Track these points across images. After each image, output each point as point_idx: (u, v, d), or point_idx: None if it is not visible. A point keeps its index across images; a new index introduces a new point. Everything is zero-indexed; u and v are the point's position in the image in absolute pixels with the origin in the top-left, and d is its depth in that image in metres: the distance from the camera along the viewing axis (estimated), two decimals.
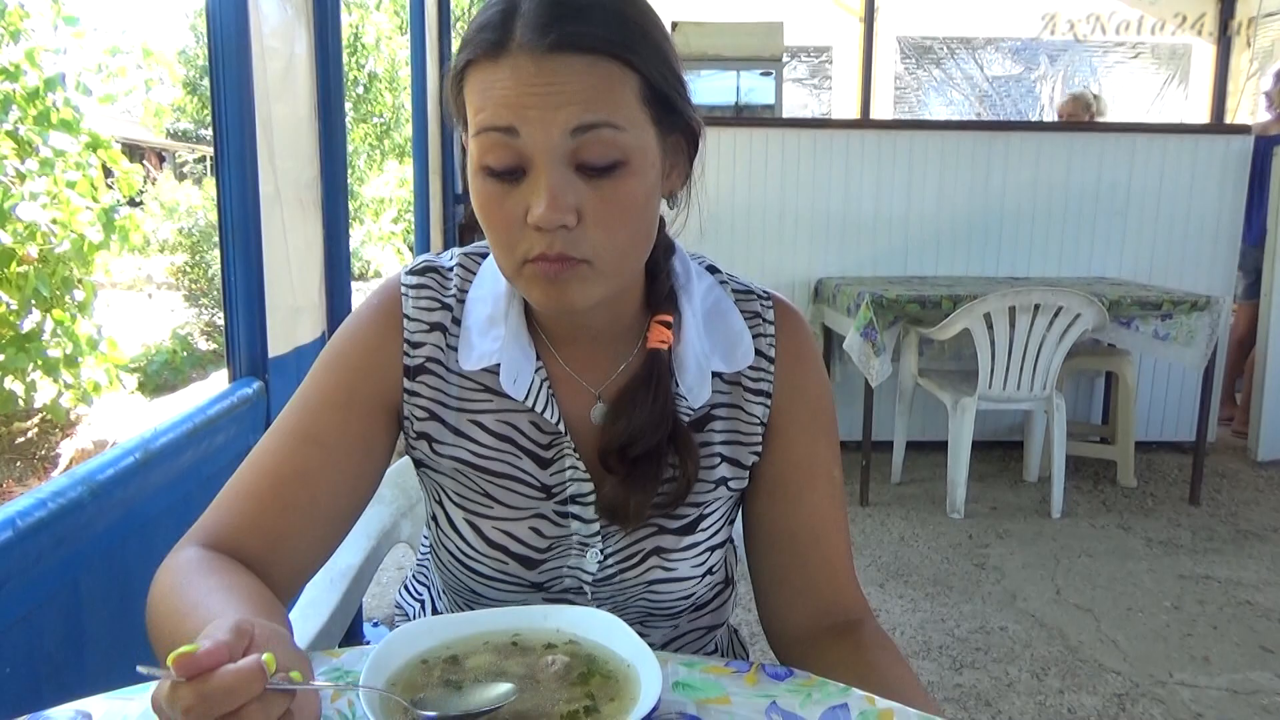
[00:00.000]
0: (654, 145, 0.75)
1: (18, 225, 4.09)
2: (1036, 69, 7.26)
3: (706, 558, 0.88)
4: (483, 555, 0.85)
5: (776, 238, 4.06)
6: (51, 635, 1.05)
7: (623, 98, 0.71)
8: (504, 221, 0.73)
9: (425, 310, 0.85)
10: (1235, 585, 2.86)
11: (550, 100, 0.69)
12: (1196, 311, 3.31)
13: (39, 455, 4.88)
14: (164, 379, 6.44)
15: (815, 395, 0.90)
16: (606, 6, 0.72)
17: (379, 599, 2.69)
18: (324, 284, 2.11)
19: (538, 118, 0.69)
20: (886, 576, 2.91)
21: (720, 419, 0.88)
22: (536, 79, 0.69)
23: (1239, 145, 4.06)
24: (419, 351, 0.84)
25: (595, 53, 0.70)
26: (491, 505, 0.85)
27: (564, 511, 0.85)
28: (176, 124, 16.58)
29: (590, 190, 0.71)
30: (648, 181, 0.75)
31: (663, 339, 0.84)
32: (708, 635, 0.98)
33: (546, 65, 0.69)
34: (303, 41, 1.99)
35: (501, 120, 0.70)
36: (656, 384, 0.82)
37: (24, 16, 4.50)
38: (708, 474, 0.87)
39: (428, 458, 0.86)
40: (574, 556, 0.86)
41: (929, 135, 4.10)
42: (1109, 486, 3.76)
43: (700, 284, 0.89)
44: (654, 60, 0.74)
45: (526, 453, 0.85)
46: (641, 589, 0.87)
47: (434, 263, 0.88)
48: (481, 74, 0.71)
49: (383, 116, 13.86)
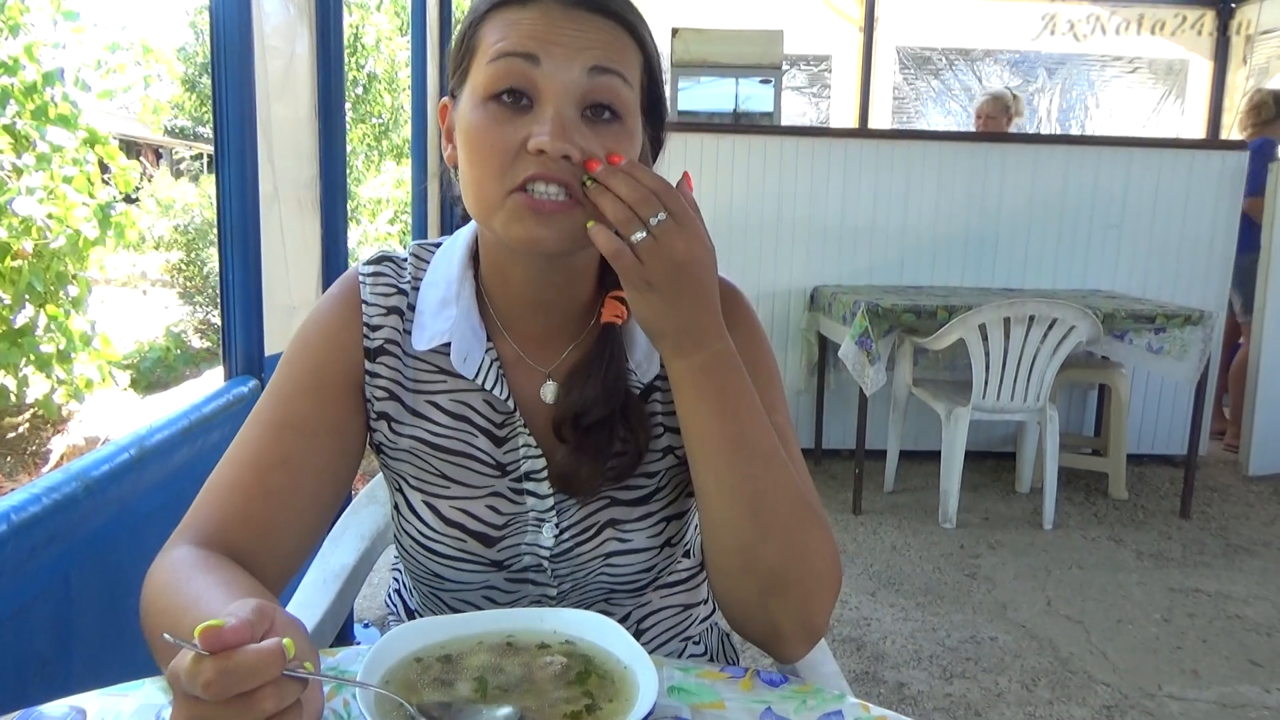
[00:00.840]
0: (640, 123, 0.81)
1: (13, 220, 4.08)
2: (1034, 81, 7.29)
3: (663, 528, 0.89)
4: (441, 535, 0.86)
5: (773, 245, 4.06)
6: (42, 632, 1.05)
7: (632, 61, 0.78)
8: (500, 146, 0.75)
9: (382, 296, 0.88)
10: (1225, 599, 2.87)
11: (576, 40, 0.74)
12: (1190, 325, 3.32)
13: (30, 450, 4.86)
14: (157, 376, 6.41)
15: (749, 350, 0.87)
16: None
17: (370, 600, 2.68)
18: (321, 283, 2.11)
19: (561, 53, 0.74)
20: (878, 585, 2.92)
21: (661, 389, 0.90)
22: (564, 22, 0.75)
23: (1234, 161, 4.08)
24: (378, 334, 0.87)
25: (614, 18, 0.77)
26: (448, 485, 0.87)
27: (519, 488, 0.87)
28: (174, 120, 16.56)
29: (590, 135, 0.75)
30: (634, 149, 0.79)
31: (617, 314, 0.86)
32: (685, 615, 0.99)
33: (573, 15, 0.75)
34: (304, 41, 1.99)
35: (524, 47, 0.74)
36: (610, 357, 0.85)
37: (24, 11, 4.49)
38: (654, 443, 0.89)
39: (386, 440, 0.88)
40: (530, 533, 0.87)
41: (927, 145, 4.12)
42: (1100, 498, 3.77)
43: None
44: (654, 50, 0.81)
45: (481, 430, 0.87)
46: (599, 562, 0.88)
47: (389, 254, 0.92)
48: (508, 13, 0.76)
49: (381, 117, 13.86)
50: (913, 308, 3.34)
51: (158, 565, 0.76)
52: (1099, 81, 7.19)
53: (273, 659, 0.51)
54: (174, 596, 0.71)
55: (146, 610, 0.74)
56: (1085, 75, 7.20)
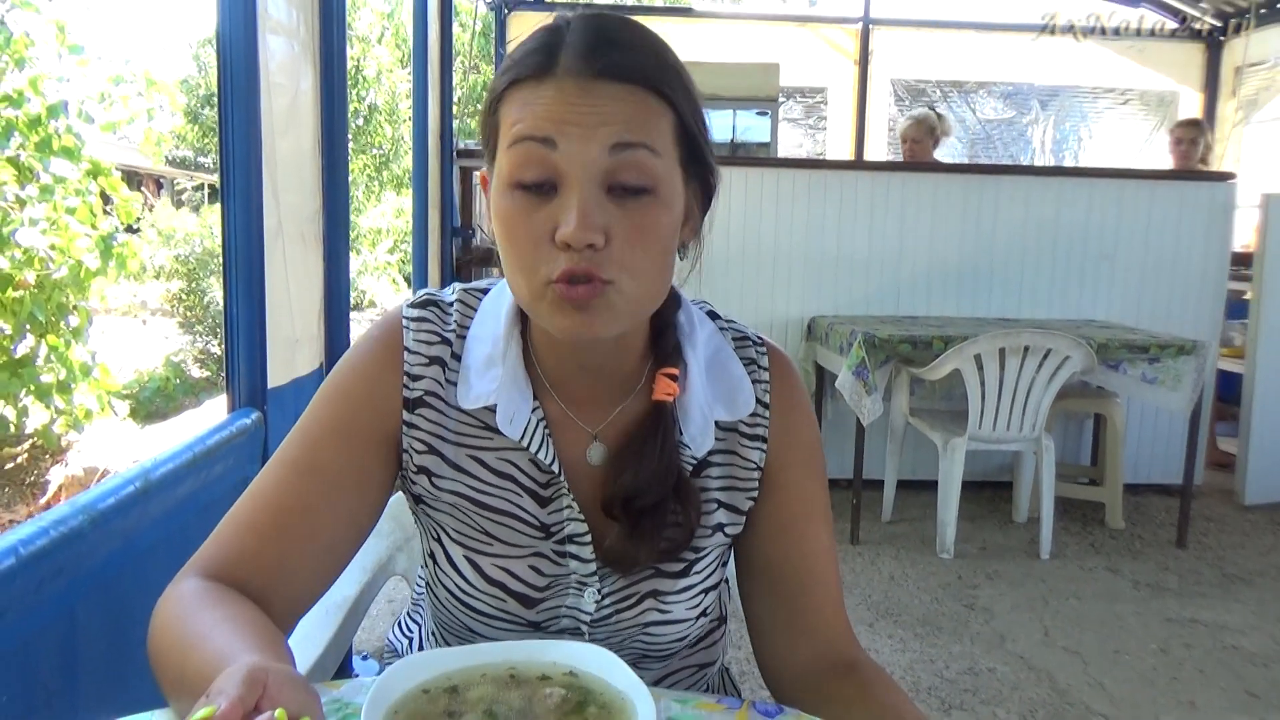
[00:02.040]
0: (679, 184, 0.78)
1: (16, 251, 4.11)
2: (1028, 113, 7.38)
3: (701, 600, 0.89)
4: (481, 592, 0.85)
5: (770, 275, 4.10)
6: (48, 664, 1.06)
7: (659, 128, 0.74)
8: (529, 238, 0.73)
9: (425, 344, 0.86)
10: (1222, 629, 2.87)
11: (592, 118, 0.71)
12: (1183, 355, 3.35)
13: (28, 481, 4.85)
14: (156, 406, 6.42)
15: (808, 440, 0.92)
16: (648, 46, 0.76)
17: (368, 632, 2.68)
18: (323, 317, 2.13)
19: (578, 134, 0.71)
20: (876, 616, 2.92)
21: (717, 465, 0.89)
22: (580, 99, 0.72)
23: (1224, 192, 4.13)
24: (418, 384, 0.85)
25: (636, 83, 0.73)
26: (491, 543, 0.86)
27: (562, 551, 0.86)
28: (176, 151, 16.67)
29: (619, 213, 0.73)
30: (673, 216, 0.77)
31: (669, 392, 0.84)
32: (700, 673, 0.99)
33: (590, 89, 0.72)
34: (308, 78, 2.03)
35: (541, 131, 0.72)
36: (663, 437, 0.83)
37: (29, 44, 4.55)
38: (705, 519, 0.88)
39: (427, 492, 0.87)
40: (572, 596, 0.86)
41: (921, 177, 4.17)
42: (1097, 528, 3.78)
43: (702, 332, 0.90)
44: (687, 102, 0.77)
45: (527, 490, 0.86)
46: (637, 631, 0.87)
47: (435, 297, 0.89)
48: (524, 92, 0.74)
49: (382, 148, 13.97)
50: (909, 338, 3.37)
51: (166, 598, 0.77)
52: (1091, 113, 7.28)
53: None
54: (181, 630, 0.72)
55: (154, 642, 0.74)
56: (1078, 106, 7.30)
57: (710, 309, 0.95)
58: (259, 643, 0.68)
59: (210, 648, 0.67)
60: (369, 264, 11.79)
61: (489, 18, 6.57)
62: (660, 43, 0.78)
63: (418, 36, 3.91)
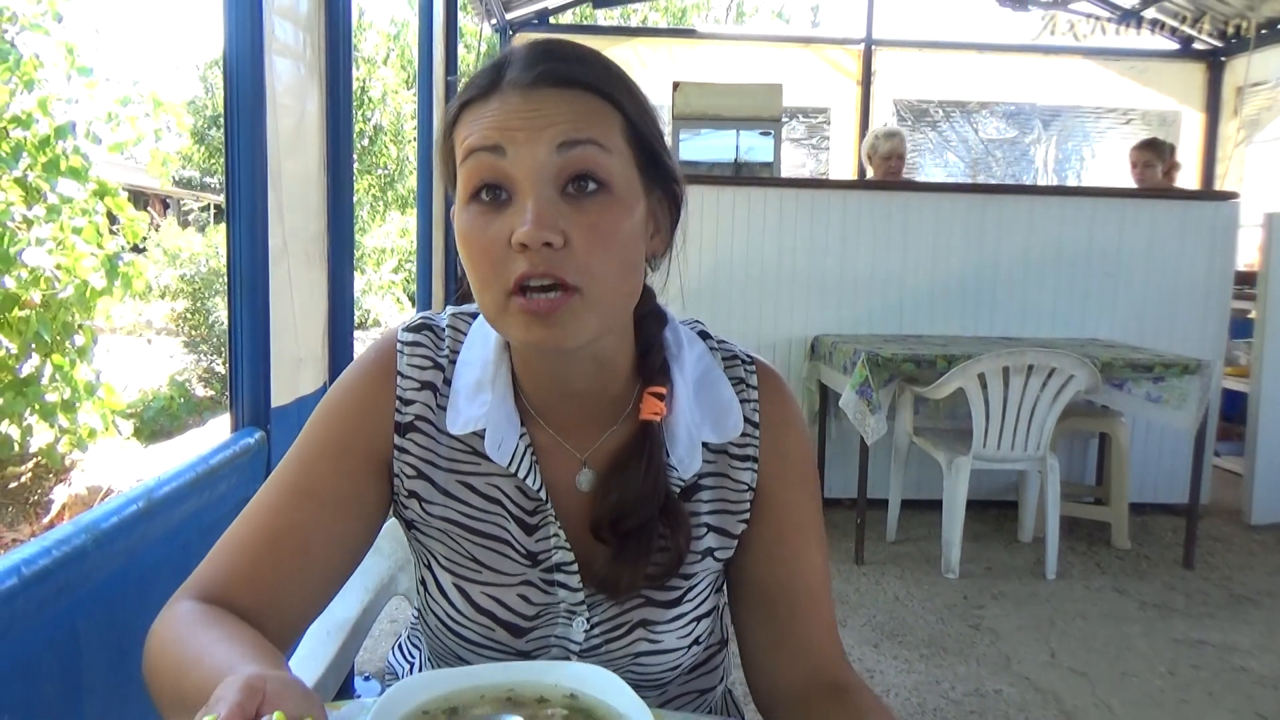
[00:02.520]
0: (638, 186, 0.77)
1: (22, 270, 4.13)
2: (1030, 133, 7.40)
3: (693, 628, 0.88)
4: (470, 621, 0.85)
5: (774, 294, 4.10)
6: (50, 683, 1.06)
7: (606, 124, 0.75)
8: (487, 247, 0.73)
9: (418, 369, 0.86)
10: (1230, 651, 2.85)
11: (537, 121, 0.72)
12: (1188, 375, 3.34)
13: (32, 500, 4.86)
14: (160, 425, 6.43)
15: (800, 458, 0.91)
16: (591, 57, 0.77)
17: (370, 652, 2.67)
18: (327, 336, 2.14)
19: (524, 137, 0.72)
20: (881, 636, 2.90)
21: (707, 488, 0.88)
22: (524, 106, 0.73)
23: (1227, 211, 4.14)
24: (409, 409, 0.85)
25: (579, 87, 0.74)
26: (480, 570, 0.85)
27: (550, 579, 0.85)
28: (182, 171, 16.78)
29: (575, 213, 0.72)
30: (633, 219, 0.76)
31: (656, 411, 0.84)
32: (700, 699, 0.98)
33: (533, 95, 0.73)
34: (314, 99, 2.04)
35: (489, 140, 0.73)
36: (649, 457, 0.82)
37: (38, 66, 4.60)
38: (695, 544, 0.86)
39: (418, 517, 0.86)
40: (561, 625, 0.86)
41: (924, 197, 4.18)
42: (1103, 548, 3.76)
43: (691, 352, 0.89)
44: (637, 107, 0.77)
45: (513, 517, 0.85)
46: (628, 661, 0.86)
47: (430, 321, 0.89)
48: (472, 111, 0.76)
49: (386, 168, 14.05)
50: (912, 357, 3.37)
51: (162, 619, 0.77)
52: (1094, 133, 7.30)
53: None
54: (178, 651, 0.72)
55: (150, 664, 0.74)
56: (1080, 126, 7.32)
57: (702, 329, 0.94)
58: (256, 656, 0.68)
59: (207, 664, 0.67)
60: (373, 283, 11.84)
61: (494, 39, 6.61)
62: (604, 58, 0.78)
63: (423, 58, 3.95)
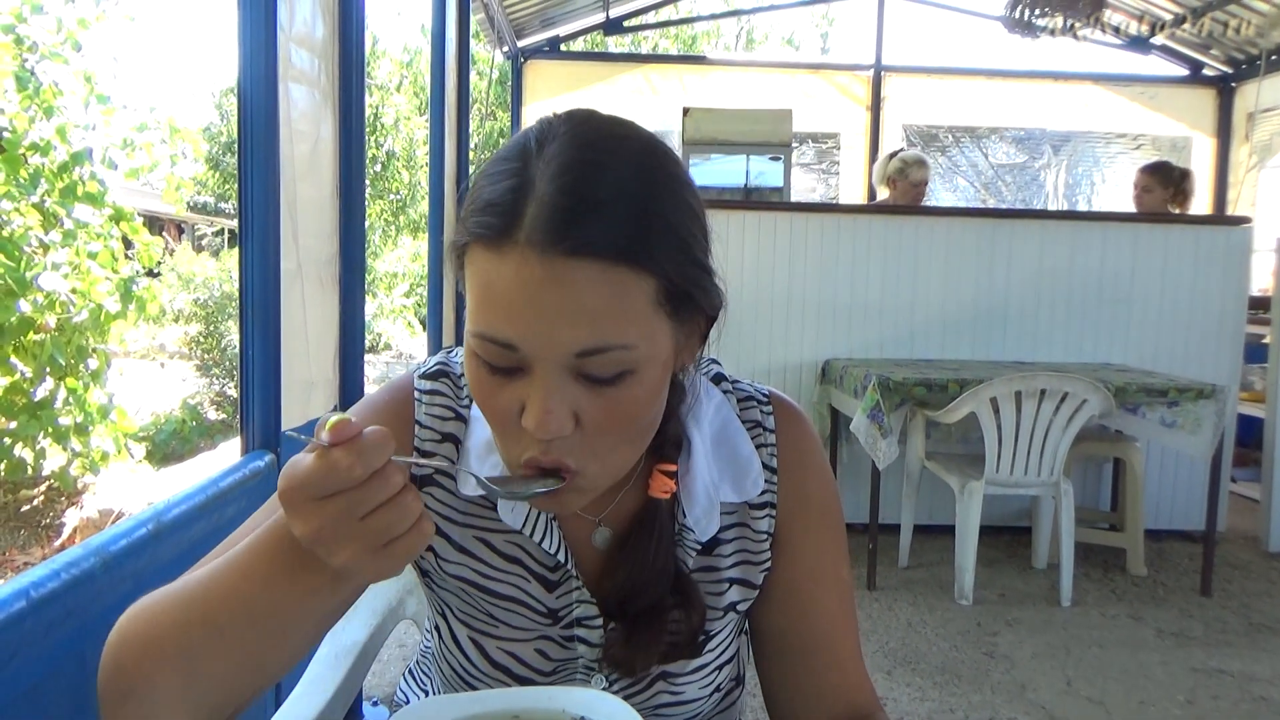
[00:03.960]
0: (667, 342, 0.70)
1: (38, 294, 4.17)
2: (1040, 158, 7.41)
3: (714, 677, 0.86)
4: (485, 676, 0.83)
5: (784, 318, 4.10)
6: (58, 708, 1.05)
7: (635, 309, 0.65)
8: (498, 412, 0.69)
9: (438, 420, 0.83)
10: (1249, 680, 2.80)
11: (557, 318, 0.63)
12: (1203, 400, 3.32)
13: (44, 523, 4.86)
14: (172, 449, 6.45)
15: (820, 498, 0.88)
16: (628, 201, 0.64)
17: (378, 676, 2.65)
18: (338, 359, 2.15)
19: (542, 334, 0.63)
20: (894, 664, 2.87)
21: (728, 542, 0.85)
22: (542, 290, 0.62)
23: (1240, 236, 4.13)
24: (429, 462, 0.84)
25: (609, 259, 0.63)
26: (496, 625, 0.84)
27: (569, 635, 0.83)
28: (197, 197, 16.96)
29: (590, 397, 0.66)
30: (655, 382, 0.70)
31: (665, 490, 0.81)
32: None
33: (555, 273, 0.62)
34: (328, 125, 2.06)
35: (501, 335, 0.65)
36: (658, 534, 0.80)
37: (57, 94, 4.66)
38: (716, 600, 0.84)
39: (434, 569, 0.85)
40: (579, 681, 0.84)
41: (934, 221, 4.18)
42: (1119, 575, 3.72)
43: (709, 403, 0.86)
44: (674, 258, 0.66)
45: (535, 576, 0.83)
46: (648, 713, 0.85)
47: (447, 367, 0.85)
48: (482, 261, 0.65)
49: (399, 193, 14.17)
50: (924, 381, 3.35)
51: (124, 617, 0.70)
52: (1104, 157, 7.31)
53: (389, 438, 0.56)
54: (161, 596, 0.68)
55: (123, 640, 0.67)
56: (1090, 151, 7.33)
57: (718, 370, 0.90)
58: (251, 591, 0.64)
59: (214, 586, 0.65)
60: (384, 307, 11.90)
61: (506, 67, 6.69)
62: (644, 173, 0.67)
63: (436, 85, 3.99)
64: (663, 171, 0.68)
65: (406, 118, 14.04)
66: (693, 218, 0.70)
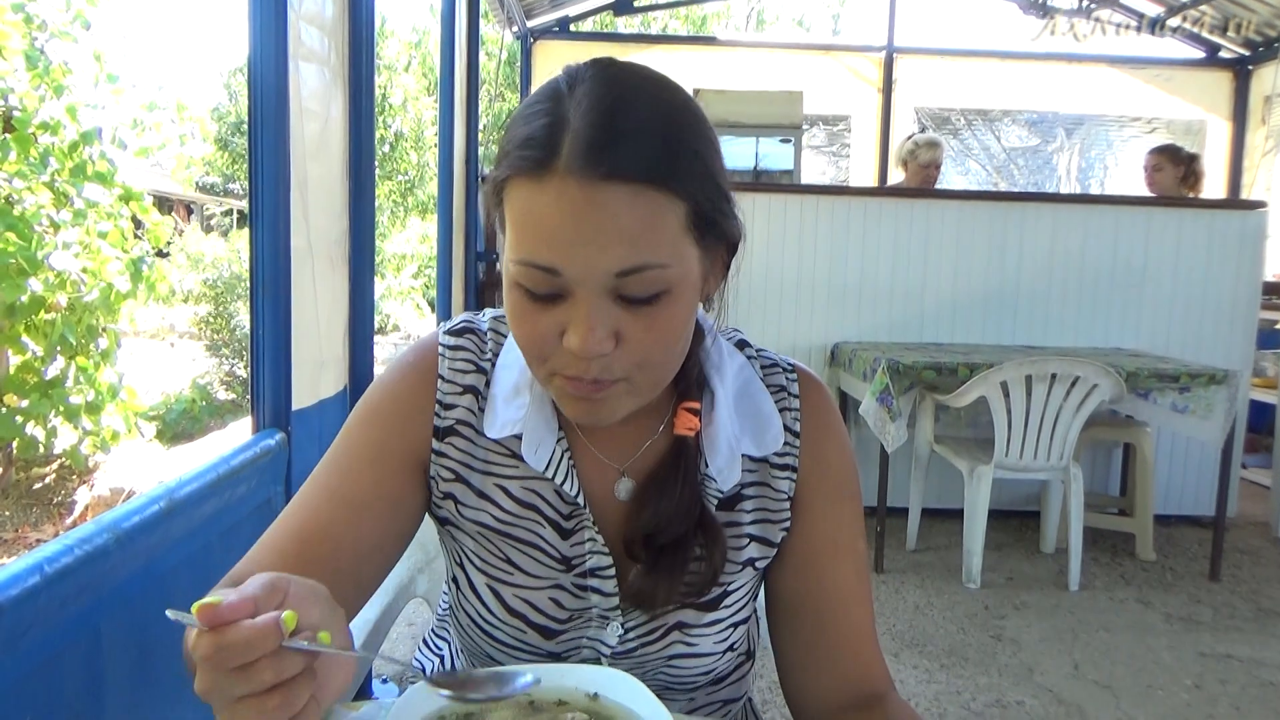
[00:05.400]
0: (696, 266, 0.74)
1: (49, 274, 4.18)
2: (1053, 141, 7.36)
3: (729, 634, 0.87)
4: (502, 622, 0.85)
5: (794, 301, 4.09)
6: (73, 682, 1.06)
7: (668, 230, 0.69)
8: (536, 337, 0.72)
9: (460, 372, 0.86)
10: (1258, 665, 2.80)
11: (596, 239, 0.67)
12: (1215, 385, 3.30)
13: (55, 501, 4.90)
14: (182, 428, 6.48)
15: (839, 467, 0.90)
16: (656, 129, 0.69)
17: (387, 654, 2.67)
18: (348, 339, 2.15)
19: (582, 258, 0.67)
20: (901, 646, 2.87)
21: (749, 498, 0.87)
22: (582, 213, 0.67)
23: (1255, 221, 4.09)
24: (450, 414, 0.85)
25: (643, 182, 0.67)
26: (513, 572, 0.85)
27: (583, 584, 0.85)
28: (206, 177, 16.97)
29: (629, 316, 0.70)
30: (688, 303, 0.74)
31: (690, 426, 0.83)
32: (725, 709, 0.97)
33: (594, 195, 0.66)
34: (338, 104, 2.06)
35: (543, 259, 0.68)
36: (684, 472, 0.82)
37: (66, 73, 4.66)
38: (735, 554, 0.86)
39: (452, 517, 0.86)
40: (594, 629, 0.85)
41: (946, 204, 4.15)
42: (1127, 560, 3.71)
43: (732, 364, 0.89)
44: (701, 184, 0.71)
45: (549, 521, 0.85)
46: (661, 663, 0.86)
47: (472, 324, 0.88)
48: (523, 193, 0.69)
49: (407, 174, 14.15)
50: (933, 365, 3.34)
51: None
52: (1117, 141, 7.25)
53: (267, 633, 0.52)
54: None
55: None
56: (1104, 135, 7.27)
57: (741, 338, 0.93)
58: None
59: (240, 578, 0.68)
60: (392, 289, 11.91)
61: (515, 47, 6.65)
62: (670, 110, 0.72)
63: (445, 66, 3.97)
64: (685, 107, 0.74)
65: (415, 98, 14.00)
66: (714, 150, 0.75)
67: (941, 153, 4.66)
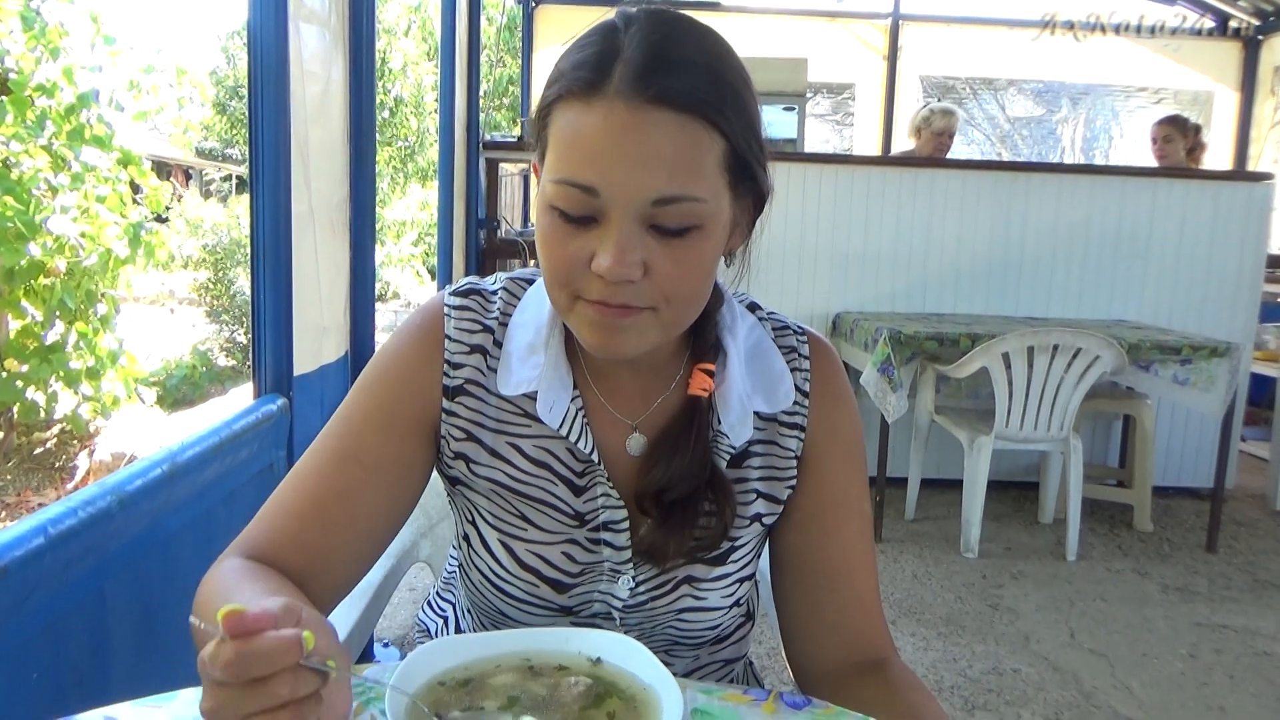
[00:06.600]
0: (727, 210, 0.76)
1: (47, 238, 4.16)
2: (1058, 111, 7.29)
3: (736, 589, 0.89)
4: (514, 577, 0.86)
5: (796, 270, 4.07)
6: (77, 643, 1.06)
7: (707, 165, 0.71)
8: (566, 260, 0.73)
9: (466, 332, 0.86)
10: (1253, 635, 2.82)
11: (638, 161, 0.69)
12: (1216, 357, 3.29)
13: (57, 465, 4.92)
14: (182, 394, 6.49)
15: (847, 430, 0.91)
16: (705, 64, 0.71)
17: (389, 619, 2.69)
18: (349, 304, 2.14)
19: (621, 181, 0.69)
20: (899, 614, 2.89)
21: (758, 455, 0.88)
22: (628, 134, 0.69)
23: (1261, 193, 4.06)
24: (459, 373, 0.85)
25: (689, 112, 0.69)
26: (525, 528, 0.86)
27: (596, 539, 0.86)
28: (204, 142, 16.84)
29: (660, 247, 0.72)
30: (717, 243, 0.76)
31: (704, 387, 0.84)
32: (726, 669, 0.98)
33: (640, 119, 0.68)
34: (339, 67, 2.03)
35: (584, 178, 0.70)
36: (697, 430, 0.83)
37: (63, 35, 4.60)
38: (743, 509, 0.87)
39: (464, 476, 0.87)
40: (605, 582, 0.86)
41: (950, 174, 4.12)
42: (1125, 531, 3.73)
43: (743, 325, 0.90)
44: (741, 126, 0.73)
45: (562, 479, 0.86)
46: (670, 617, 0.87)
47: (478, 285, 0.89)
48: (571, 113, 0.71)
49: (407, 140, 14.04)
50: (935, 335, 3.34)
51: (210, 573, 0.78)
52: (1123, 111, 7.18)
53: (289, 647, 0.52)
54: (224, 592, 0.73)
55: (196, 612, 0.74)
56: (1109, 105, 7.20)
57: (751, 301, 0.94)
58: None
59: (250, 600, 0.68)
60: (392, 256, 11.87)
61: (516, 12, 6.57)
62: (719, 52, 0.74)
63: (446, 30, 3.92)
64: (732, 53, 0.76)
65: (415, 63, 13.87)
66: (755, 100, 0.77)
67: (956, 121, 4.64)
